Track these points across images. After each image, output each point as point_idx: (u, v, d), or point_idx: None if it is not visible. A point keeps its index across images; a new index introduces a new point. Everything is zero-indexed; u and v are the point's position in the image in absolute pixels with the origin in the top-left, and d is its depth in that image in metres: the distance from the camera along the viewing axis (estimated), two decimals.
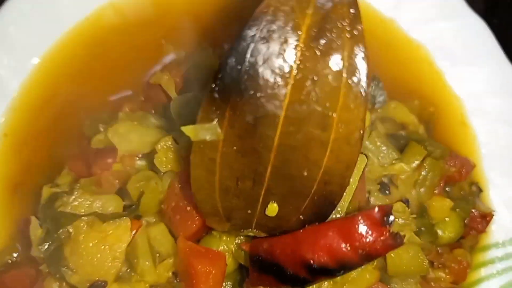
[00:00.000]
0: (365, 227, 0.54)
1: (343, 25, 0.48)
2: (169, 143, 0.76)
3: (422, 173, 0.81)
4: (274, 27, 0.49)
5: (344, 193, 0.59)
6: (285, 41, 0.49)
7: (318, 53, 0.48)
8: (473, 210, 0.92)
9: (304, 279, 0.58)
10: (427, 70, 1.03)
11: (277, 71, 0.49)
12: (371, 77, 0.96)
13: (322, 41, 0.48)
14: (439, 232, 0.84)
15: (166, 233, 0.75)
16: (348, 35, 0.48)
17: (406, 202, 0.80)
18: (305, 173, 0.55)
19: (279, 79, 0.50)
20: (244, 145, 0.54)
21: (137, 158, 0.83)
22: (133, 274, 0.69)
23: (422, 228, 0.80)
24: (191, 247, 0.67)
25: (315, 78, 0.49)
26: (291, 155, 0.54)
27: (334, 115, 0.50)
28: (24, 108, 0.95)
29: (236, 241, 0.69)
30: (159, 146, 0.75)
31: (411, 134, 0.93)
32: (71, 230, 0.71)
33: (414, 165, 0.80)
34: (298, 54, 0.49)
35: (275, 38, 0.49)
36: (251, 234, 0.66)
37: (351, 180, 0.63)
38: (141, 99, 0.93)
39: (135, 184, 0.78)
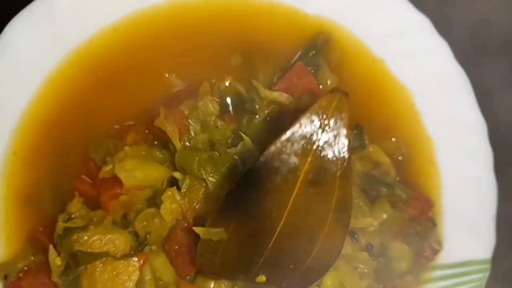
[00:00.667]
0: None
1: (336, 175, 0.57)
2: (174, 194, 0.86)
3: (386, 223, 0.96)
4: (277, 169, 0.58)
5: None
6: (285, 181, 0.59)
7: (312, 193, 0.59)
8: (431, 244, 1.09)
9: None
10: (407, 110, 1.12)
11: (275, 202, 0.60)
12: (355, 125, 1.06)
13: (317, 184, 0.58)
14: (394, 266, 1.02)
15: (167, 264, 0.89)
16: (339, 182, 0.58)
17: (371, 248, 0.96)
18: (291, 266, 0.68)
19: (277, 208, 0.60)
20: (244, 244, 0.66)
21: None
22: None
23: (381, 267, 0.97)
24: None
25: (307, 211, 0.60)
26: (281, 253, 0.66)
27: (320, 237, 0.62)
28: (30, 127, 1.00)
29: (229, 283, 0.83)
30: (165, 197, 0.86)
31: (383, 175, 1.06)
32: (88, 266, 0.83)
33: (381, 221, 0.93)
34: (295, 191, 0.59)
35: (277, 177, 0.59)
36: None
37: None
38: (145, 131, 1.00)
39: (141, 223, 0.89)
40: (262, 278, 0.73)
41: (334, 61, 1.08)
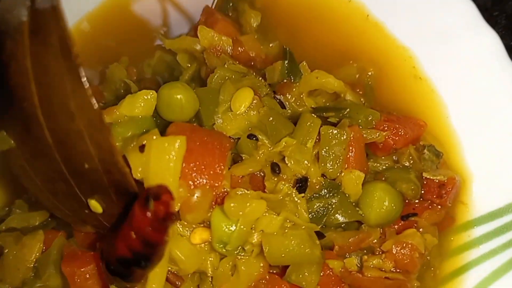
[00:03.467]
0: (138, 213, 0.50)
1: (45, 13, 0.48)
2: None
3: (323, 148, 0.69)
4: (6, 32, 0.51)
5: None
6: (16, 42, 0.51)
7: (40, 43, 0.49)
8: (429, 178, 0.75)
9: (122, 272, 0.57)
10: (365, 25, 0.88)
11: (17, 73, 0.52)
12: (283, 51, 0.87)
13: (38, 32, 0.49)
14: (363, 211, 0.70)
15: None
16: (52, 21, 0.48)
17: (303, 180, 0.70)
18: (87, 166, 0.54)
19: (21, 79, 0.52)
20: (31, 149, 0.57)
21: None
22: (38, 281, 0.76)
23: (333, 205, 0.68)
24: None
25: (47, 73, 0.50)
26: (67, 150, 0.55)
27: (71, 104, 0.49)
28: None
29: None
30: None
31: (337, 103, 0.81)
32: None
33: (306, 138, 0.69)
34: (28, 51, 0.50)
35: (9, 41, 0.51)
36: None
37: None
38: None
39: None
40: (93, 203, 0.60)
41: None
